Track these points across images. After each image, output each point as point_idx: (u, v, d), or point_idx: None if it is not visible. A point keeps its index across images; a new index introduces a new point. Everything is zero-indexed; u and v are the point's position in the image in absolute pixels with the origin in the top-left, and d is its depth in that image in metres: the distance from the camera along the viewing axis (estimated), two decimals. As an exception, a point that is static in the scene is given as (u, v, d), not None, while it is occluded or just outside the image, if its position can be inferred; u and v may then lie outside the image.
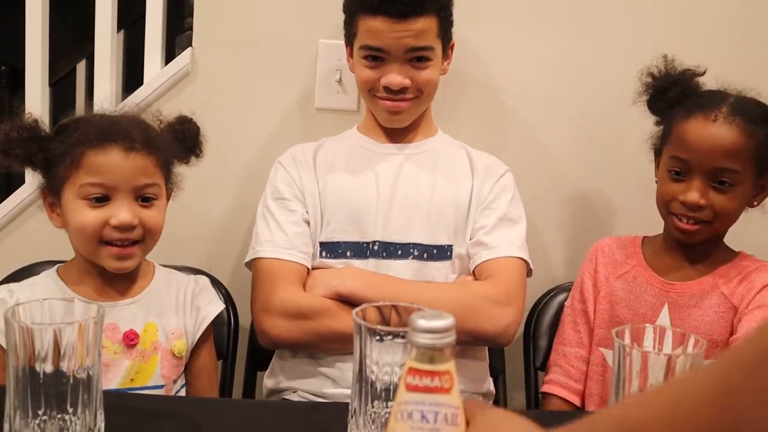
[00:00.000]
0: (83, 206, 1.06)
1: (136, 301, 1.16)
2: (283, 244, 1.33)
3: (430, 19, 1.32)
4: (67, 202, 1.08)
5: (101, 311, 0.77)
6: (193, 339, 1.21)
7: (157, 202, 1.12)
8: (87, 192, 1.06)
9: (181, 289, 1.22)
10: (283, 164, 1.41)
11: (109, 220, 1.06)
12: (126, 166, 1.06)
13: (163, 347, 1.17)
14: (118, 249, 1.08)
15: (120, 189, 1.06)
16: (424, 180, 1.39)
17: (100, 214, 1.06)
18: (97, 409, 0.77)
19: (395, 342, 0.74)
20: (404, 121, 1.40)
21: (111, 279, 1.15)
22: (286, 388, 1.35)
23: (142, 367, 1.14)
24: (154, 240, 1.14)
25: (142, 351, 1.15)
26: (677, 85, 1.27)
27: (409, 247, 1.35)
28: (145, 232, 1.10)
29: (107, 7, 1.64)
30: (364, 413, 0.76)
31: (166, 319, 1.18)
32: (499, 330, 1.27)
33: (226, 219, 1.65)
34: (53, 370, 0.74)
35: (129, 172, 1.06)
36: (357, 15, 1.34)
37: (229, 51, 1.61)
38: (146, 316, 1.16)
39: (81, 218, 1.06)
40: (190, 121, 1.21)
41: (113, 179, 1.06)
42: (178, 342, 1.18)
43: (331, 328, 1.25)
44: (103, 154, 1.05)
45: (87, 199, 1.06)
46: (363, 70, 1.36)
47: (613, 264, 1.34)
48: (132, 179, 1.07)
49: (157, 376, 1.15)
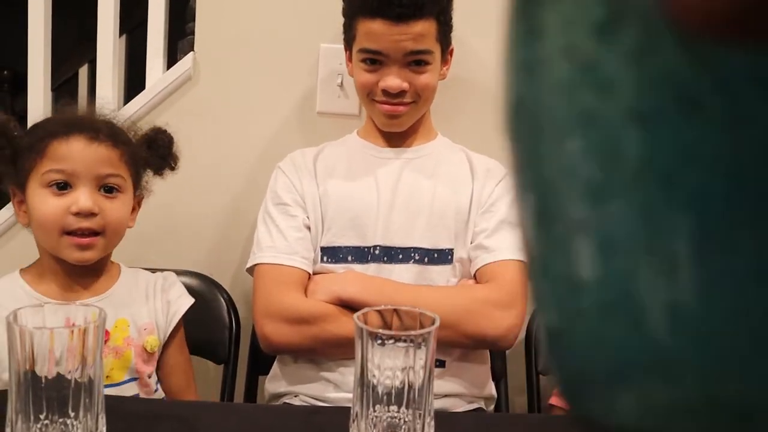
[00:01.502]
0: (46, 195, 1.07)
1: (104, 298, 1.15)
2: (284, 249, 1.33)
3: (430, 22, 1.31)
4: (31, 194, 1.09)
5: (102, 315, 0.77)
6: (165, 334, 1.21)
7: (120, 195, 1.12)
8: (49, 179, 1.07)
9: (149, 284, 1.22)
10: (283, 170, 1.42)
11: (70, 207, 1.06)
12: (88, 155, 1.07)
13: (135, 343, 1.16)
14: (78, 238, 1.08)
15: (81, 177, 1.07)
16: (425, 184, 1.39)
17: (62, 202, 1.07)
18: (99, 412, 0.77)
19: (397, 346, 0.74)
20: (403, 125, 1.41)
21: (76, 276, 1.14)
22: (288, 392, 1.35)
23: (116, 363, 1.14)
24: (117, 234, 1.14)
25: (115, 347, 1.14)
26: None
27: (410, 251, 1.35)
28: (106, 223, 1.10)
29: (109, 11, 1.64)
30: (365, 417, 0.76)
31: (137, 314, 1.17)
32: (500, 333, 1.27)
33: (227, 223, 1.66)
34: (54, 374, 0.74)
35: (91, 161, 1.08)
36: (356, 18, 1.34)
37: (231, 55, 1.62)
38: (116, 313, 1.15)
39: (43, 207, 1.07)
40: (164, 132, 1.22)
41: (75, 166, 1.07)
42: (150, 338, 1.17)
43: (333, 334, 1.25)
44: (66, 143, 1.07)
45: (49, 187, 1.07)
46: (361, 73, 1.36)
47: None
48: (94, 167, 1.08)
49: (131, 371, 1.15)
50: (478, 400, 1.38)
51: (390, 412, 0.75)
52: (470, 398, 1.35)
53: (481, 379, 1.39)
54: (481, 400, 1.38)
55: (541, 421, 1.17)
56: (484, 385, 1.39)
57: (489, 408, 1.41)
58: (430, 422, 0.77)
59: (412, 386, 0.75)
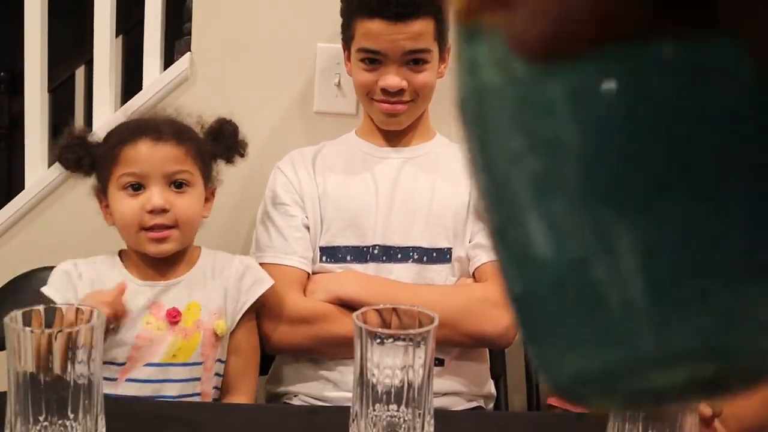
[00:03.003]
0: (123, 197, 1.16)
1: (180, 281, 1.21)
2: (283, 249, 1.33)
3: (427, 21, 1.31)
4: (111, 198, 1.18)
5: (101, 317, 0.77)
6: (233, 320, 1.23)
7: (190, 189, 1.18)
8: (124, 182, 1.16)
9: (226, 268, 1.25)
10: (282, 169, 1.42)
11: (144, 206, 1.14)
12: (155, 155, 1.15)
13: (205, 326, 1.19)
14: (154, 233, 1.15)
15: (151, 176, 1.15)
16: (424, 183, 1.39)
17: (137, 202, 1.15)
18: (98, 414, 0.77)
19: (396, 345, 0.74)
20: (402, 123, 1.41)
21: (157, 266, 1.21)
22: (288, 392, 1.35)
23: (184, 344, 1.17)
24: (190, 227, 1.20)
25: (185, 329, 1.18)
26: None
27: (409, 250, 1.35)
28: (178, 217, 1.16)
29: (106, 12, 1.64)
30: (365, 417, 0.76)
31: (209, 298, 1.21)
32: (499, 332, 1.27)
33: (226, 223, 1.65)
34: (54, 375, 0.74)
35: (158, 160, 1.15)
36: (354, 18, 1.34)
37: (228, 55, 1.62)
38: (189, 296, 1.20)
39: (121, 208, 1.16)
40: (229, 121, 1.29)
41: (144, 167, 1.15)
42: (219, 322, 1.20)
43: (333, 333, 1.25)
44: (134, 147, 1.15)
45: (125, 189, 1.16)
46: (360, 73, 1.36)
47: None
48: (161, 166, 1.15)
49: (197, 354, 1.18)
50: (478, 398, 1.38)
51: (390, 411, 0.75)
52: (469, 396, 1.36)
53: (480, 378, 1.39)
54: (480, 399, 1.38)
55: (541, 419, 1.17)
56: (483, 383, 1.39)
57: (488, 406, 1.41)
58: (429, 421, 0.77)
59: (412, 385, 0.75)
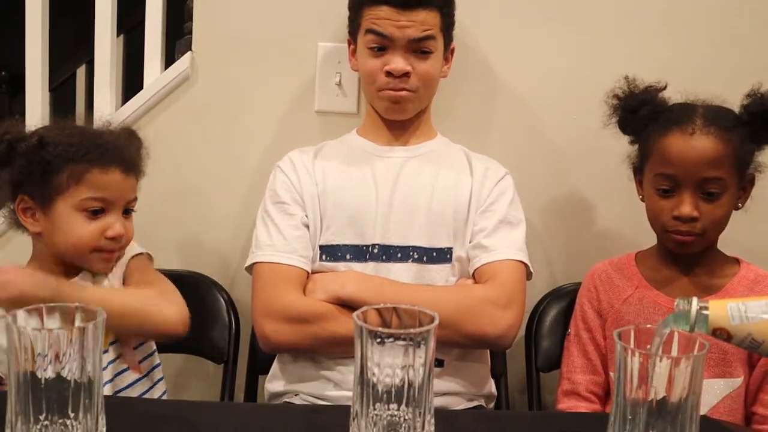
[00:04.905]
0: (80, 218, 1.18)
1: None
2: (283, 248, 1.33)
3: (433, 13, 1.35)
4: (61, 213, 1.18)
5: (102, 316, 0.77)
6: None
7: (133, 213, 1.26)
8: (88, 205, 1.18)
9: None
10: (282, 168, 1.42)
11: (105, 232, 1.19)
12: (125, 186, 1.21)
13: None
14: (108, 254, 1.22)
15: (116, 204, 1.20)
16: (424, 182, 1.39)
17: (96, 226, 1.19)
18: (99, 413, 0.77)
19: (396, 344, 0.74)
20: (406, 112, 1.41)
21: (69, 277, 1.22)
22: (288, 391, 1.35)
23: None
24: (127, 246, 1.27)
25: None
26: (645, 103, 1.30)
27: (409, 250, 1.35)
28: (126, 241, 1.24)
29: (107, 12, 1.64)
30: (365, 416, 0.76)
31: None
32: (499, 333, 1.27)
33: (226, 223, 1.66)
34: (54, 375, 0.74)
35: (125, 191, 1.22)
36: (362, 8, 1.37)
37: (229, 55, 1.62)
38: None
39: (79, 230, 1.18)
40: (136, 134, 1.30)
41: (113, 195, 1.20)
42: None
43: (332, 332, 1.25)
44: (106, 174, 1.19)
45: (85, 211, 1.18)
46: (367, 60, 1.38)
47: (614, 289, 1.33)
48: (125, 196, 1.22)
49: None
50: (478, 398, 1.38)
51: (390, 411, 0.75)
52: (469, 396, 1.36)
53: (480, 378, 1.39)
54: (481, 399, 1.38)
55: (541, 419, 1.17)
56: (483, 383, 1.39)
57: (489, 406, 1.41)
58: (430, 420, 0.77)
59: (412, 384, 0.75)
